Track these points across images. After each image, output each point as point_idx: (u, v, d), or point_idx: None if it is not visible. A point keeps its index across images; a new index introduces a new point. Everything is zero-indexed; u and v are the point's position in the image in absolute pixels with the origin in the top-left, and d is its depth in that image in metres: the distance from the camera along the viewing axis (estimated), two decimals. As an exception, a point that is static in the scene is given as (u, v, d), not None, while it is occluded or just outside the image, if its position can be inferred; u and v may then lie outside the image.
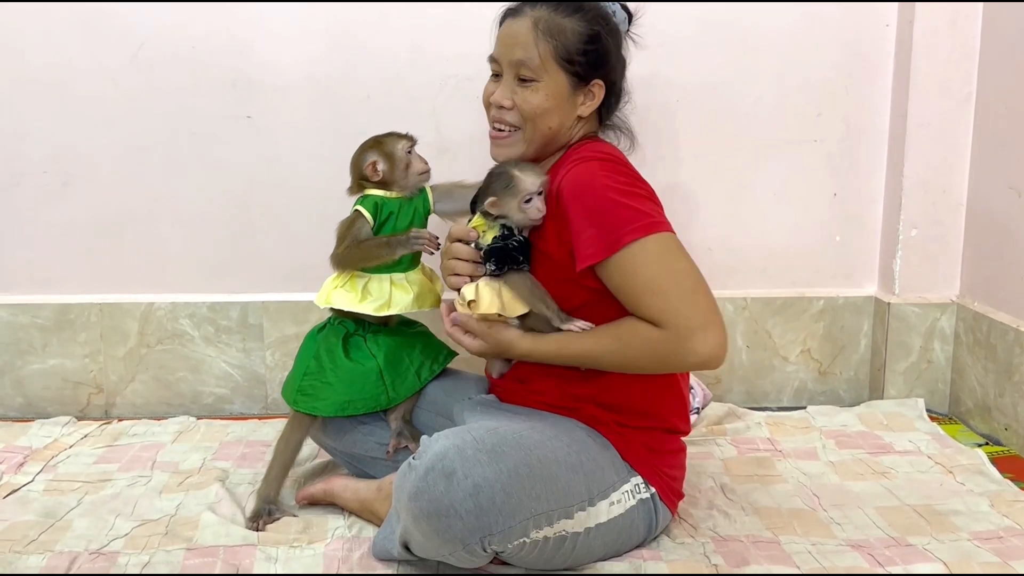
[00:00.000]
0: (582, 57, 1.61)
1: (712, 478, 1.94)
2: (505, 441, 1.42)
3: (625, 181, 1.54)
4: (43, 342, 2.35)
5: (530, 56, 1.61)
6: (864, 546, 1.64)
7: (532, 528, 1.42)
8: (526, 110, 1.63)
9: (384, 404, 1.78)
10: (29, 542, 1.66)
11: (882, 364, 2.42)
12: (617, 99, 1.72)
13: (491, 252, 1.61)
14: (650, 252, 1.49)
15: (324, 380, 1.78)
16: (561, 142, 1.68)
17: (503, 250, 1.60)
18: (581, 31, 1.61)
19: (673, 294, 1.49)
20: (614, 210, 1.50)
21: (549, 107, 1.62)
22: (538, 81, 1.62)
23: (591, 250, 1.51)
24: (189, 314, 2.36)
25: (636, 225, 1.49)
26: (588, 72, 1.63)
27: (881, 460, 2.03)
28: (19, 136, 2.29)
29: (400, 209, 1.80)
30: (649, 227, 1.49)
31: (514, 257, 1.60)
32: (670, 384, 1.65)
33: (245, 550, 1.62)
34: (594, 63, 1.63)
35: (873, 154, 2.43)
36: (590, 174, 1.54)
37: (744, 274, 2.46)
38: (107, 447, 2.12)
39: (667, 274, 1.49)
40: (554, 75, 1.62)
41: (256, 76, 2.29)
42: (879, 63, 2.38)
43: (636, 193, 1.53)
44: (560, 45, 1.60)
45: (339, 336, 1.82)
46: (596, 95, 1.66)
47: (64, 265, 2.35)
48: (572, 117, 1.66)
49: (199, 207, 2.34)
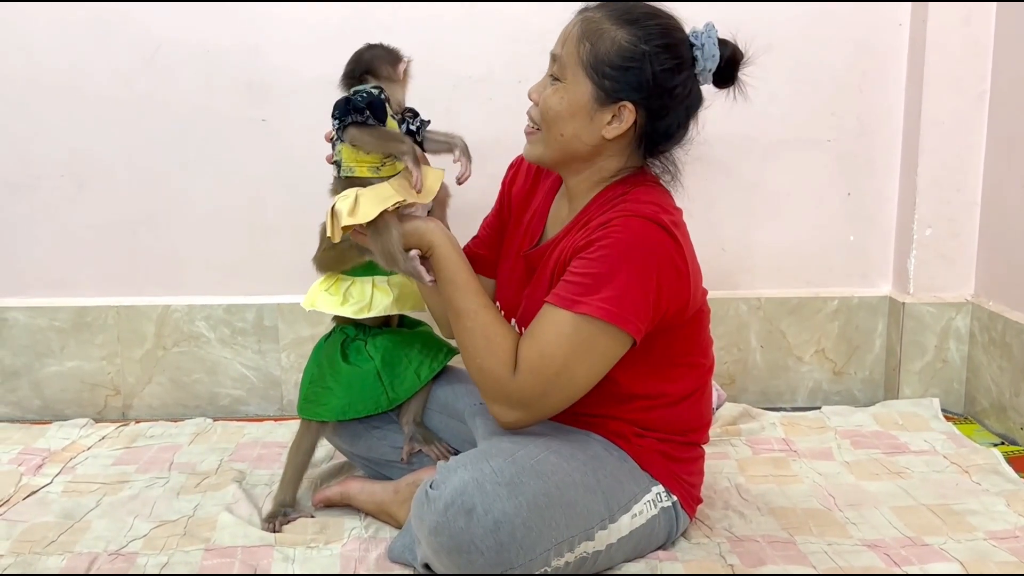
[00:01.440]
0: (612, 71, 1.47)
1: (727, 478, 1.94)
2: (523, 471, 1.40)
3: (657, 268, 1.44)
4: (61, 344, 2.37)
5: (564, 54, 1.51)
6: (880, 546, 1.64)
7: (554, 557, 1.41)
8: (543, 109, 1.54)
9: (385, 405, 1.78)
10: (49, 543, 1.67)
11: (897, 364, 2.41)
12: (663, 137, 1.55)
13: (335, 106, 1.55)
14: (581, 330, 1.43)
15: (325, 386, 1.78)
16: (593, 164, 1.56)
17: (347, 100, 1.54)
18: (622, 44, 1.47)
19: (550, 369, 1.44)
20: (611, 282, 1.43)
21: (563, 112, 1.51)
22: (562, 82, 1.51)
23: (560, 292, 1.46)
24: (205, 316, 2.37)
25: (604, 306, 1.42)
26: (617, 90, 1.48)
27: (896, 460, 2.03)
28: (35, 139, 2.31)
29: None
30: (611, 314, 1.42)
31: (358, 107, 1.53)
32: (696, 401, 1.63)
33: (263, 550, 1.63)
34: (626, 83, 1.48)
35: (887, 153, 2.42)
36: (638, 242, 1.44)
37: (758, 274, 2.46)
38: (125, 448, 2.14)
39: (567, 354, 1.44)
40: (579, 81, 1.49)
41: (270, 79, 2.30)
42: (892, 62, 2.38)
43: (649, 287, 1.43)
44: (593, 51, 1.48)
45: (339, 341, 1.82)
46: (625, 119, 1.50)
47: (81, 268, 2.37)
48: (594, 135, 1.52)
49: (214, 210, 2.35)
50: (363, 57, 1.69)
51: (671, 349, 1.55)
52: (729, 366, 2.46)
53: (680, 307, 1.50)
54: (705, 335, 1.63)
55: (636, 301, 1.43)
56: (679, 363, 1.58)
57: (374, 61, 1.68)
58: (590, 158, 1.56)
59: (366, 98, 1.56)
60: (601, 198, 1.56)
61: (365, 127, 1.57)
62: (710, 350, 1.65)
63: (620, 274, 1.43)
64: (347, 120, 1.56)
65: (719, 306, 2.41)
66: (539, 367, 1.45)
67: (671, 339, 1.54)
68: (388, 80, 1.68)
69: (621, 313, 1.42)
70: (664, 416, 1.59)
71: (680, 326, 1.53)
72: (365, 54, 1.69)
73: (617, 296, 1.42)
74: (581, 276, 1.45)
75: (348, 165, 1.61)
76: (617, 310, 1.42)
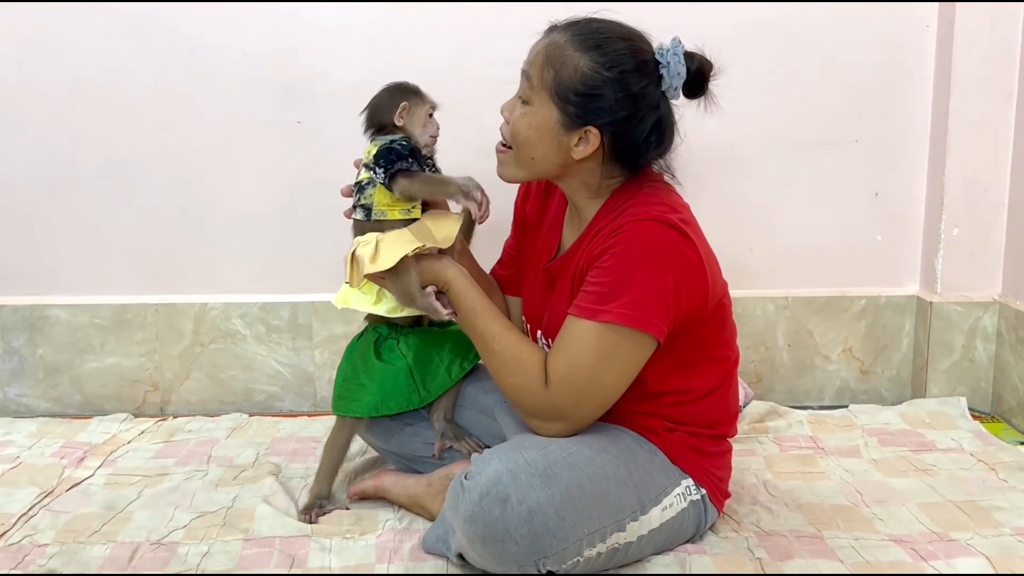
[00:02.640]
0: (576, 98, 1.50)
1: (755, 475, 1.96)
2: (556, 462, 1.43)
3: (672, 268, 1.47)
4: (101, 341, 2.42)
5: (532, 76, 1.54)
6: (907, 541, 1.65)
7: (586, 547, 1.44)
8: (512, 131, 1.58)
9: (416, 403, 1.81)
10: (92, 533, 1.72)
11: (924, 363, 2.42)
12: (636, 153, 1.56)
13: (380, 154, 1.58)
14: (605, 338, 1.47)
15: (358, 383, 1.81)
16: (567, 180, 1.61)
17: (391, 150, 1.57)
18: (585, 72, 1.49)
19: (579, 379, 1.49)
20: (628, 287, 1.45)
21: (531, 137, 1.55)
22: (530, 104, 1.55)
23: (581, 303, 1.50)
24: (241, 314, 2.42)
25: (624, 311, 1.45)
26: (581, 115, 1.51)
27: (924, 457, 2.04)
28: (76, 142, 2.36)
29: None
30: (632, 319, 1.45)
31: (402, 155, 1.57)
32: (723, 395, 1.65)
33: (300, 540, 1.67)
34: (590, 109, 1.51)
35: (914, 153, 2.43)
36: (649, 245, 1.47)
37: (785, 273, 2.48)
38: (164, 442, 2.19)
39: (594, 363, 1.48)
40: (545, 105, 1.53)
41: (305, 82, 2.34)
42: (920, 63, 2.39)
43: (666, 287, 1.46)
44: (557, 77, 1.51)
45: (372, 340, 1.85)
46: (591, 142, 1.53)
47: (121, 267, 2.42)
48: (563, 156, 1.55)
49: (251, 210, 2.40)
50: (371, 113, 1.71)
51: (695, 345, 1.58)
52: (756, 365, 2.48)
53: (700, 302, 1.52)
54: (728, 328, 1.65)
55: (655, 303, 1.46)
56: (704, 358, 1.61)
57: (376, 115, 1.70)
58: (562, 176, 1.61)
59: (407, 145, 1.60)
60: (609, 205, 1.59)
61: (412, 174, 1.61)
62: (734, 342, 1.67)
63: (636, 278, 1.46)
64: (394, 168, 1.59)
65: (746, 305, 2.44)
66: (569, 378, 1.50)
67: (695, 335, 1.56)
68: (401, 126, 1.69)
69: (642, 317, 1.46)
70: (692, 411, 1.61)
71: (703, 322, 1.56)
72: (371, 108, 1.71)
73: (636, 300, 1.45)
74: (599, 285, 1.48)
75: (380, 209, 1.66)
76: (638, 314, 1.45)
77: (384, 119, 1.68)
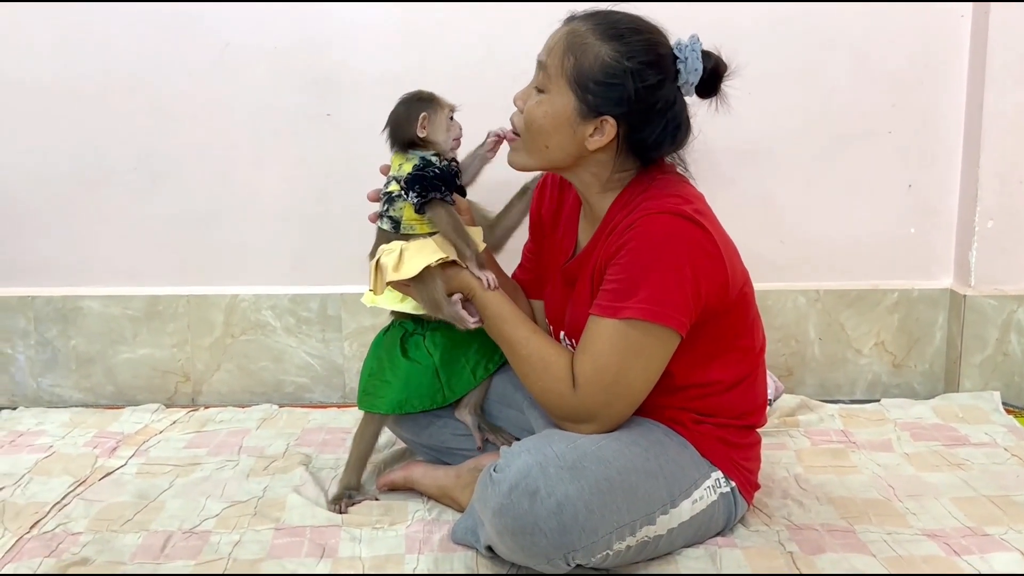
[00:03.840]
0: (595, 86, 1.50)
1: (786, 468, 1.94)
2: (585, 455, 1.43)
3: (690, 260, 1.47)
4: (133, 332, 2.45)
5: (551, 64, 1.54)
6: (940, 535, 1.64)
7: (615, 540, 1.43)
8: (527, 119, 1.57)
9: (440, 402, 1.81)
10: (125, 522, 1.74)
11: (958, 357, 2.40)
12: (649, 147, 1.56)
13: (413, 180, 1.59)
14: (627, 335, 1.47)
15: (384, 379, 1.81)
16: (577, 171, 1.60)
17: (424, 177, 1.58)
18: (606, 60, 1.50)
19: (606, 379, 1.49)
20: (647, 283, 1.46)
21: (546, 125, 1.55)
22: (546, 93, 1.55)
23: (601, 301, 1.50)
24: (271, 306, 2.44)
25: (644, 306, 1.45)
26: (598, 104, 1.51)
27: (957, 452, 2.02)
28: (109, 135, 2.39)
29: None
30: (653, 313, 1.45)
31: (436, 184, 1.58)
32: (750, 385, 1.64)
33: (330, 530, 1.68)
34: (608, 98, 1.51)
35: (948, 145, 2.41)
36: (665, 238, 1.47)
37: (817, 266, 2.46)
38: (195, 433, 2.20)
39: (620, 361, 1.48)
40: (562, 93, 1.53)
41: (335, 75, 2.35)
42: (954, 54, 2.37)
43: (685, 279, 1.46)
44: (577, 65, 1.51)
45: (398, 335, 1.85)
46: (607, 132, 1.53)
47: (153, 259, 2.45)
48: (577, 146, 1.55)
49: (281, 202, 2.42)
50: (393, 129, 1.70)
51: (719, 335, 1.57)
52: (787, 358, 2.46)
53: (720, 292, 1.52)
54: (751, 317, 1.63)
55: (675, 296, 1.46)
56: (729, 348, 1.60)
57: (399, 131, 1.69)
58: (573, 167, 1.60)
59: (440, 173, 1.61)
60: (621, 200, 1.59)
61: (445, 206, 1.62)
62: (759, 331, 1.66)
63: (654, 273, 1.46)
64: (429, 196, 1.60)
65: (777, 298, 2.42)
66: (595, 379, 1.50)
67: (718, 326, 1.56)
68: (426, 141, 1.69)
69: (663, 311, 1.46)
70: (720, 402, 1.61)
71: (725, 311, 1.55)
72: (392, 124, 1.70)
73: (656, 295, 1.45)
74: (617, 282, 1.49)
75: (409, 223, 1.66)
76: (658, 308, 1.45)
77: (407, 134, 1.67)
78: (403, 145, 1.69)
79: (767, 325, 1.72)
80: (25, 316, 2.44)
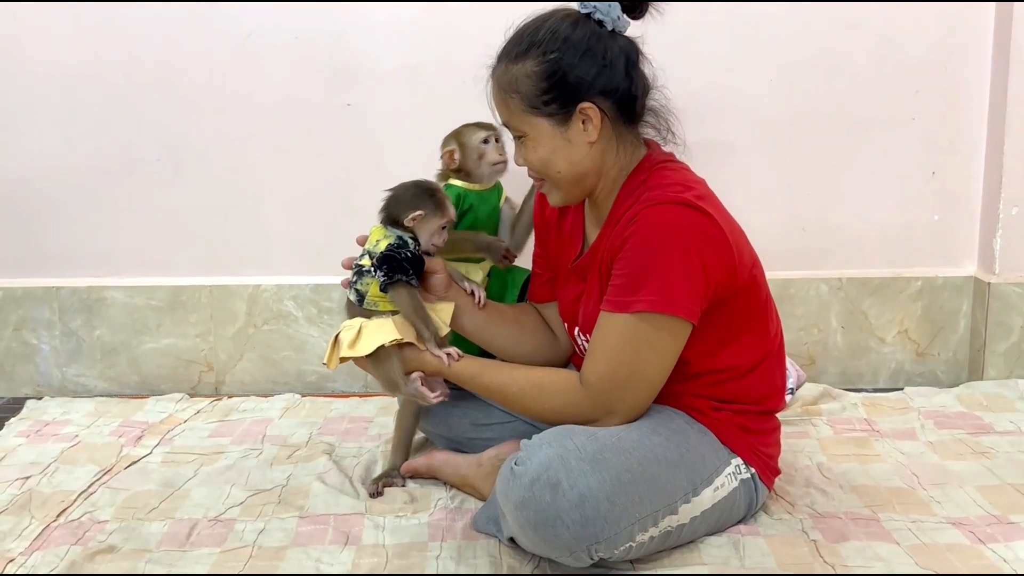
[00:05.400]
0: (547, 95, 1.52)
1: (808, 457, 1.94)
2: (606, 447, 1.43)
3: (696, 247, 1.47)
4: (157, 323, 2.46)
5: (506, 116, 1.58)
6: (965, 523, 1.63)
7: (638, 531, 1.43)
8: (532, 166, 1.59)
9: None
10: (151, 510, 1.75)
11: (982, 345, 2.38)
12: (630, 98, 1.56)
13: (383, 259, 1.62)
14: (639, 328, 1.47)
15: None
16: (605, 172, 1.60)
17: (394, 259, 1.61)
18: (534, 72, 1.52)
19: (621, 374, 1.50)
20: (654, 274, 1.46)
21: (545, 155, 1.56)
22: (526, 136, 1.56)
23: (610, 297, 1.50)
24: (293, 296, 2.45)
25: (653, 298, 1.46)
26: (565, 105, 1.52)
27: (981, 440, 2.01)
28: (132, 126, 2.40)
29: (481, 201, 1.87)
30: (663, 305, 1.46)
31: (404, 267, 1.61)
32: (767, 369, 1.64)
33: (354, 518, 1.69)
34: (566, 93, 1.52)
35: (972, 132, 2.39)
36: (668, 227, 1.47)
37: (840, 254, 2.45)
38: (219, 422, 2.22)
39: (633, 355, 1.49)
40: (534, 124, 1.54)
41: (355, 65, 2.36)
42: (978, 40, 2.35)
43: (692, 267, 1.46)
44: (521, 96, 1.53)
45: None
46: (592, 117, 1.53)
47: (176, 249, 2.46)
48: (583, 149, 1.56)
49: (302, 192, 2.42)
50: (389, 202, 1.72)
51: (731, 320, 1.57)
52: (809, 347, 2.45)
53: (729, 276, 1.51)
54: (762, 299, 1.62)
55: (684, 285, 1.46)
56: (742, 332, 1.59)
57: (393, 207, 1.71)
58: (600, 168, 1.59)
59: (411, 258, 1.63)
60: (623, 193, 1.59)
61: (409, 288, 1.63)
62: (772, 314, 1.66)
63: (661, 264, 1.46)
64: (395, 278, 1.62)
65: (799, 287, 2.41)
66: (610, 375, 1.51)
67: (729, 310, 1.55)
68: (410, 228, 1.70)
69: (672, 301, 1.46)
70: (737, 388, 1.61)
71: (735, 295, 1.54)
72: (391, 199, 1.72)
73: (664, 286, 1.46)
74: (625, 276, 1.49)
75: (372, 300, 1.67)
76: (667, 299, 1.46)
77: (398, 215, 1.68)
78: (389, 220, 1.70)
79: (789, 314, 1.71)
80: (50, 307, 2.46)
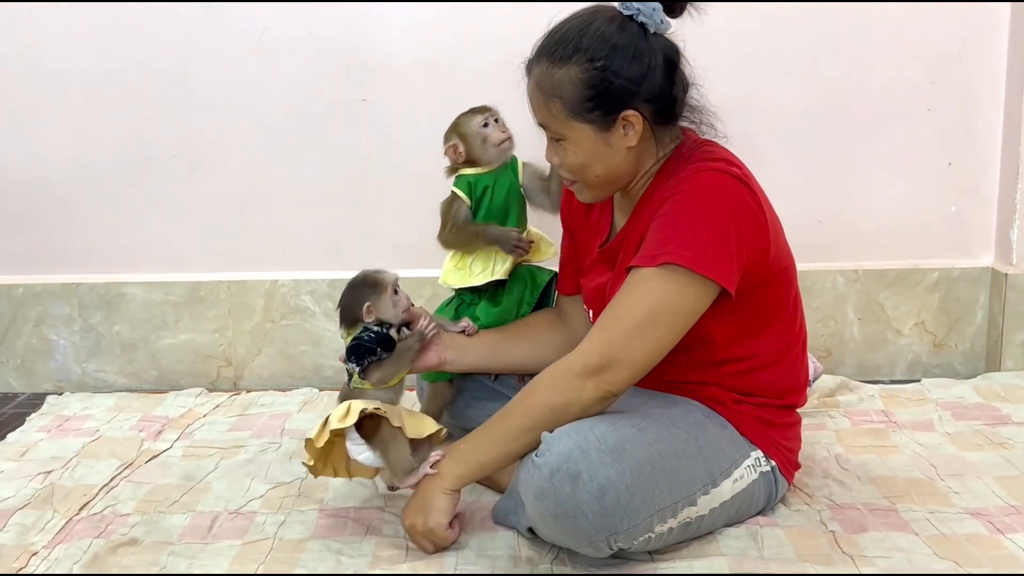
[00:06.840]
0: (591, 103, 1.49)
1: (826, 448, 1.94)
2: (626, 439, 1.43)
3: (734, 216, 1.46)
4: (175, 318, 2.48)
5: (546, 119, 1.54)
6: (984, 514, 1.63)
7: (657, 523, 1.43)
8: (568, 167, 1.57)
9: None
10: (172, 503, 1.77)
11: (999, 336, 2.38)
12: (671, 103, 1.54)
13: (350, 351, 1.64)
14: (663, 281, 1.44)
15: None
16: (641, 170, 1.58)
17: (360, 346, 1.62)
18: (580, 79, 1.48)
19: (629, 324, 1.45)
20: (687, 232, 1.44)
21: (585, 160, 1.54)
22: (565, 139, 1.54)
23: (641, 253, 1.48)
24: (310, 290, 2.46)
25: (683, 252, 1.43)
26: (609, 112, 1.50)
27: (999, 431, 2.00)
28: (149, 122, 2.41)
29: (495, 182, 1.85)
30: (695, 262, 1.42)
31: (371, 349, 1.62)
32: (791, 363, 1.64)
33: (374, 511, 1.70)
34: (611, 102, 1.49)
35: (989, 122, 2.38)
36: (711, 190, 1.46)
37: (856, 246, 2.44)
38: (238, 416, 2.24)
39: (649, 307, 1.45)
40: (576, 129, 1.52)
41: (371, 61, 2.36)
42: (994, 30, 2.34)
43: (728, 234, 1.44)
44: (563, 100, 1.50)
45: (454, 307, 1.90)
46: (635, 124, 1.50)
47: (194, 245, 2.48)
48: (621, 154, 1.54)
49: (318, 188, 2.43)
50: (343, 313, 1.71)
51: (761, 307, 1.56)
52: (826, 339, 2.45)
53: (760, 256, 1.50)
54: (792, 295, 1.62)
55: (717, 248, 1.44)
56: (770, 322, 1.59)
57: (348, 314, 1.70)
58: (635, 168, 1.58)
59: (374, 339, 1.64)
60: (662, 175, 1.58)
61: (381, 364, 1.64)
62: (800, 312, 1.65)
63: (697, 224, 1.45)
64: (365, 362, 1.63)
65: (816, 279, 2.41)
66: (615, 325, 1.46)
67: (758, 298, 1.55)
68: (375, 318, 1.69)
69: (702, 259, 1.43)
70: (759, 379, 1.60)
71: (764, 282, 1.54)
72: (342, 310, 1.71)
73: (696, 243, 1.43)
74: (659, 233, 1.47)
75: (356, 382, 1.67)
76: (698, 256, 1.43)
77: (356, 317, 1.68)
78: (353, 324, 1.69)
79: (806, 306, 1.71)
80: (69, 303, 2.48)
